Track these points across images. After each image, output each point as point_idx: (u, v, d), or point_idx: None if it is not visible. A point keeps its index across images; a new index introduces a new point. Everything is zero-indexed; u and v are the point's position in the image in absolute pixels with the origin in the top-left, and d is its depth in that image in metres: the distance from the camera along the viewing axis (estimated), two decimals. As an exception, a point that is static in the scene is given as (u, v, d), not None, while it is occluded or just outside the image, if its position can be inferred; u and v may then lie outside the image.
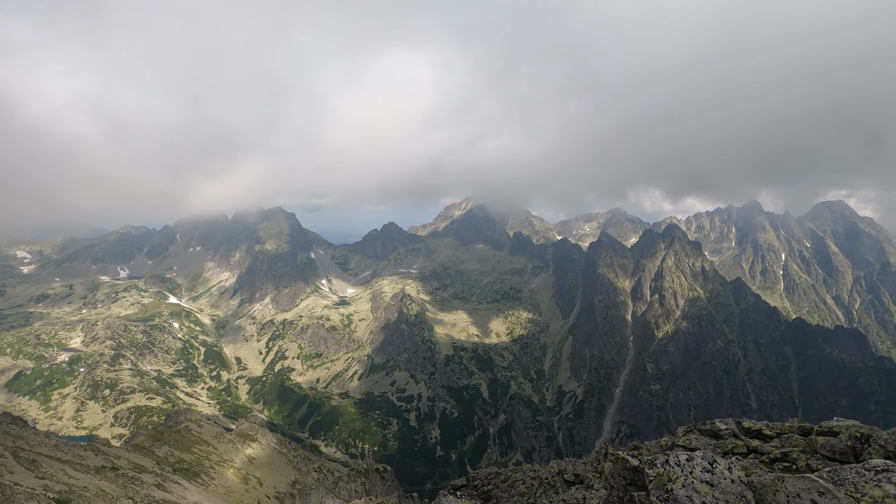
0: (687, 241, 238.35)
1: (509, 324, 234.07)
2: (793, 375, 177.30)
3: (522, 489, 26.63)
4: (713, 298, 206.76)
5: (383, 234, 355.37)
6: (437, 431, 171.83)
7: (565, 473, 24.77)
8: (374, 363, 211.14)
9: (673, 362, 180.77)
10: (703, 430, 18.88)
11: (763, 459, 13.62)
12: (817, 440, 13.98)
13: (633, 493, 5.55)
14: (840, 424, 15.03)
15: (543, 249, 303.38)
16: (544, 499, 23.22)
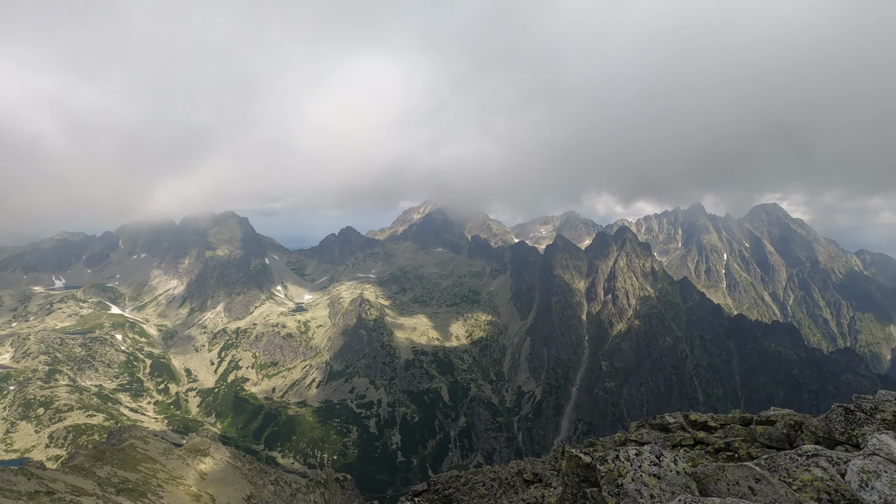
0: (637, 243, 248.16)
1: (469, 326, 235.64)
2: (735, 369, 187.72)
3: (483, 491, 26.87)
4: (662, 297, 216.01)
5: (341, 238, 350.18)
6: (398, 437, 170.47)
7: (524, 473, 25.20)
8: (333, 370, 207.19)
9: (626, 360, 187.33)
10: (654, 425, 19.72)
11: (709, 450, 14.40)
12: (756, 429, 14.91)
13: (586, 489, 5.76)
14: (776, 414, 16.09)
15: (501, 252, 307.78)
16: (504, 499, 23.52)
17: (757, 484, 5.28)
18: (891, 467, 4.37)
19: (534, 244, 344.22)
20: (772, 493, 5.15)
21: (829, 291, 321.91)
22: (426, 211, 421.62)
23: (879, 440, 4.64)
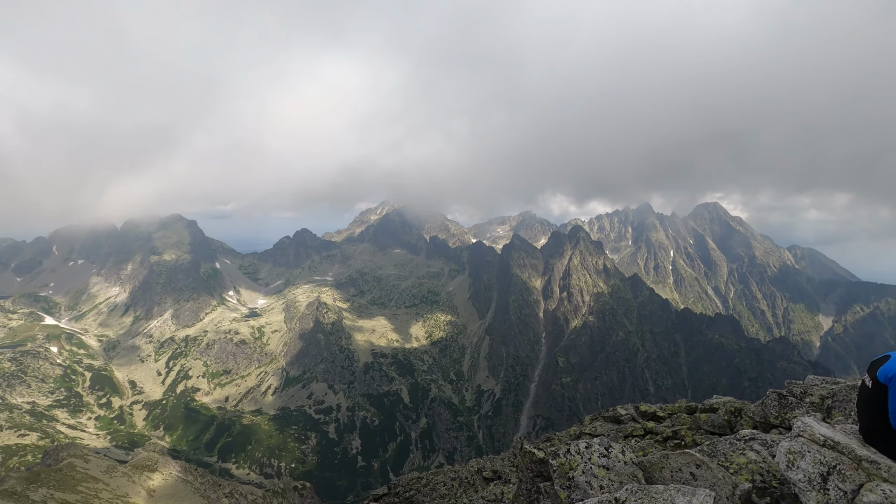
0: (590, 242, 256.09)
1: (428, 327, 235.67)
2: (683, 360, 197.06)
3: (444, 491, 26.85)
4: (615, 294, 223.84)
5: (296, 241, 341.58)
6: (358, 441, 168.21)
7: (484, 471, 25.40)
8: (290, 376, 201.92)
9: (581, 355, 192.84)
10: (607, 417, 20.37)
11: (658, 438, 15.02)
12: (701, 417, 15.70)
13: (539, 484, 5.91)
14: (718, 402, 17.01)
15: (459, 252, 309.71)
16: (464, 498, 23.63)
17: (697, 469, 5.58)
18: (813, 447, 4.72)
19: (491, 244, 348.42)
20: (711, 477, 5.46)
21: (765, 285, 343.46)
22: (384, 212, 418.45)
23: (804, 422, 5.01)
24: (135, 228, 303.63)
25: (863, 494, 4.27)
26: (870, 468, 4.52)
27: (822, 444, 4.78)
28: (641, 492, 5.09)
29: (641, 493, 5.07)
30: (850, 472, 4.46)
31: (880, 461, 4.56)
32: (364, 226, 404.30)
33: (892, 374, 4.54)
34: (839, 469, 4.49)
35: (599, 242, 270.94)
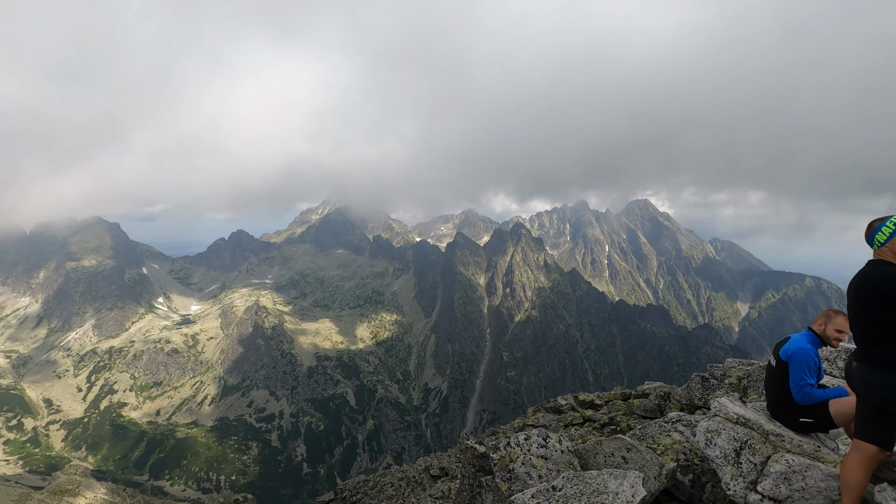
0: (531, 238, 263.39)
1: (373, 328, 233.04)
2: (619, 349, 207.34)
3: (391, 492, 26.71)
4: (555, 288, 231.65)
5: (232, 242, 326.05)
6: (303, 448, 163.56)
7: (431, 469, 25.50)
8: (228, 384, 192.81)
9: (525, 349, 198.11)
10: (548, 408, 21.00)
11: (595, 426, 15.65)
12: (634, 403, 16.53)
13: (481, 478, 6.01)
14: (649, 387, 17.98)
15: (404, 252, 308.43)
16: (412, 497, 23.60)
17: (628, 453, 5.89)
18: (728, 425, 5.12)
19: (436, 242, 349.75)
20: (640, 459, 5.78)
21: (690, 276, 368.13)
22: (325, 212, 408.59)
23: (719, 403, 5.42)
24: (47, 232, 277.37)
25: (770, 465, 4.69)
26: (776, 441, 4.96)
27: (736, 421, 5.20)
28: (577, 478, 5.31)
29: (577, 479, 5.29)
30: (759, 446, 4.88)
31: (784, 434, 5.03)
32: (305, 226, 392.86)
33: (791, 352, 5.05)
34: (750, 444, 4.91)
35: (540, 239, 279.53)
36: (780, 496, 4.54)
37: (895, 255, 3.90)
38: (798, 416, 5.09)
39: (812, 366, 4.94)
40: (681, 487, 5.87)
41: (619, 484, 5.08)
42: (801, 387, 4.95)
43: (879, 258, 3.97)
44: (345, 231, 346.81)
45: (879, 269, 3.86)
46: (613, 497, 4.91)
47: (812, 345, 5.04)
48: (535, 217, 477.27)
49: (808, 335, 5.15)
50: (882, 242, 3.95)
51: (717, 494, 5.41)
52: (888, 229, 3.92)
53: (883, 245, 3.95)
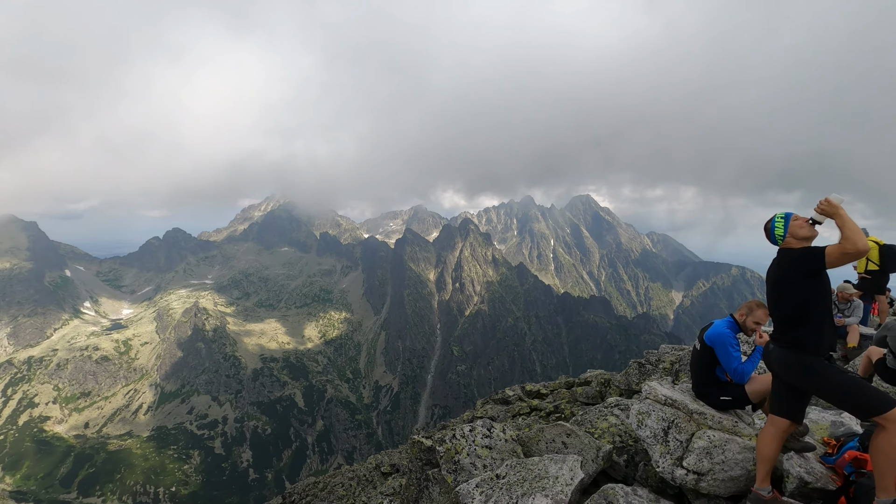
0: (480, 234, 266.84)
1: (322, 326, 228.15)
2: (564, 340, 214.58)
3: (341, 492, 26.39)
4: (503, 282, 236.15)
5: (167, 242, 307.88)
6: (249, 453, 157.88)
7: (382, 466, 25.40)
8: (166, 391, 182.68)
9: (475, 343, 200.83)
10: (497, 400, 21.43)
11: (542, 414, 16.13)
12: (577, 391, 17.18)
13: (428, 471, 6.06)
14: (591, 375, 18.74)
15: (352, 248, 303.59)
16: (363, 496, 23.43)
17: (568, 438, 6.14)
18: (657, 407, 5.45)
19: (384, 239, 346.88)
20: (579, 443, 6.05)
21: (629, 267, 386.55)
22: (269, 208, 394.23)
23: (650, 386, 5.77)
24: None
25: (694, 441, 5.04)
26: (699, 419, 5.35)
27: (664, 403, 5.55)
28: (520, 465, 5.48)
29: (519, 466, 5.46)
30: (685, 424, 5.23)
31: (707, 412, 5.43)
32: (247, 223, 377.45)
33: (714, 335, 5.50)
34: (676, 423, 5.25)
35: (488, 234, 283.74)
36: (703, 469, 4.89)
37: (797, 241, 4.33)
38: (719, 394, 5.52)
39: (734, 346, 5.39)
40: (616, 468, 6.20)
41: (558, 468, 5.29)
42: (735, 368, 5.38)
43: (786, 247, 4.39)
44: (290, 228, 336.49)
45: (787, 253, 4.31)
46: (553, 481, 5.11)
47: (731, 330, 5.49)
48: (483, 212, 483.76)
49: (729, 322, 5.60)
50: (782, 236, 4.40)
51: (648, 472, 5.75)
52: (780, 223, 4.39)
53: (784, 237, 4.39)
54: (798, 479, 4.91)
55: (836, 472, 4.92)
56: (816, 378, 4.14)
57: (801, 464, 5.07)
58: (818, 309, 4.16)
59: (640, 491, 5.30)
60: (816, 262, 4.01)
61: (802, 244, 4.30)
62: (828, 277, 4.22)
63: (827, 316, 4.17)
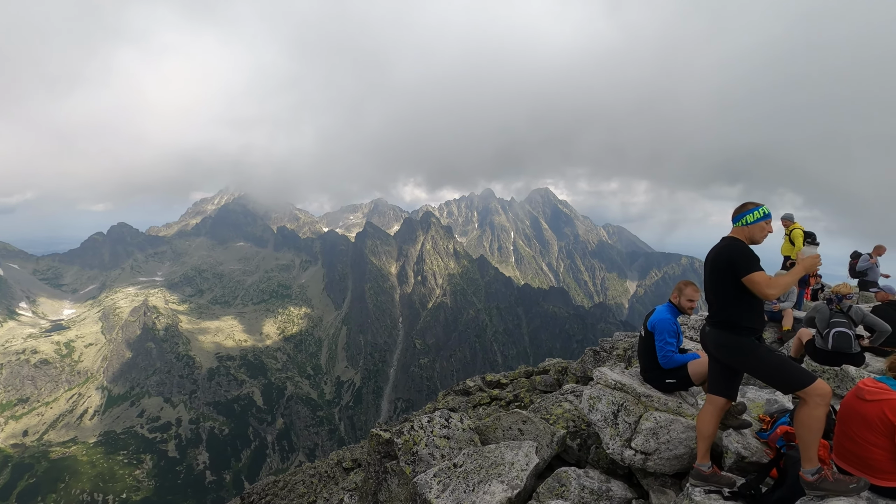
0: (441, 227, 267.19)
1: (280, 323, 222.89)
2: (524, 330, 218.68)
3: (302, 490, 26.01)
4: (465, 275, 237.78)
5: (112, 237, 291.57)
6: (206, 455, 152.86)
7: (344, 461, 25.20)
8: (114, 394, 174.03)
9: (437, 335, 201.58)
10: (458, 391, 21.64)
11: (502, 403, 16.42)
12: (536, 379, 17.56)
13: (387, 463, 6.07)
14: (549, 363, 19.19)
15: (311, 243, 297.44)
16: (325, 492, 23.20)
17: (524, 425, 6.29)
18: (607, 392, 5.66)
19: (344, 232, 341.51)
20: (535, 430, 6.20)
21: (587, 258, 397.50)
22: (223, 202, 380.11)
23: (600, 372, 5.97)
24: None
25: (641, 423, 5.27)
26: (647, 401, 5.59)
27: (614, 387, 5.77)
28: (477, 453, 5.57)
29: (476, 454, 5.55)
30: (633, 407, 5.46)
31: (653, 395, 5.68)
32: (199, 217, 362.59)
33: (655, 321, 5.76)
34: (625, 406, 5.48)
35: (449, 227, 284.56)
36: (650, 449, 5.12)
37: (745, 236, 4.57)
38: (664, 378, 5.79)
39: (672, 332, 5.65)
40: (570, 451, 6.40)
41: (514, 455, 5.41)
42: (665, 352, 5.64)
43: (733, 235, 4.62)
44: (245, 222, 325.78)
45: (732, 244, 4.50)
46: (509, 467, 5.22)
47: (671, 314, 5.77)
48: (445, 205, 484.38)
49: (668, 306, 5.88)
50: (746, 223, 4.56)
51: (599, 454, 5.98)
52: (756, 215, 4.54)
53: (745, 225, 4.57)
54: (736, 454, 5.24)
55: (770, 445, 5.28)
56: (748, 357, 4.38)
57: (739, 440, 5.40)
58: (749, 293, 4.36)
59: (591, 473, 5.51)
60: (741, 273, 4.28)
61: (750, 243, 4.55)
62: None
63: (757, 299, 4.43)
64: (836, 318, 8.06)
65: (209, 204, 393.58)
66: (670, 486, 5.22)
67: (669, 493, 5.10)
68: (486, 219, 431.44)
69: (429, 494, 5.03)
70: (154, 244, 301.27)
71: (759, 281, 4.19)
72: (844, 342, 7.79)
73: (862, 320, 8.27)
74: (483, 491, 4.95)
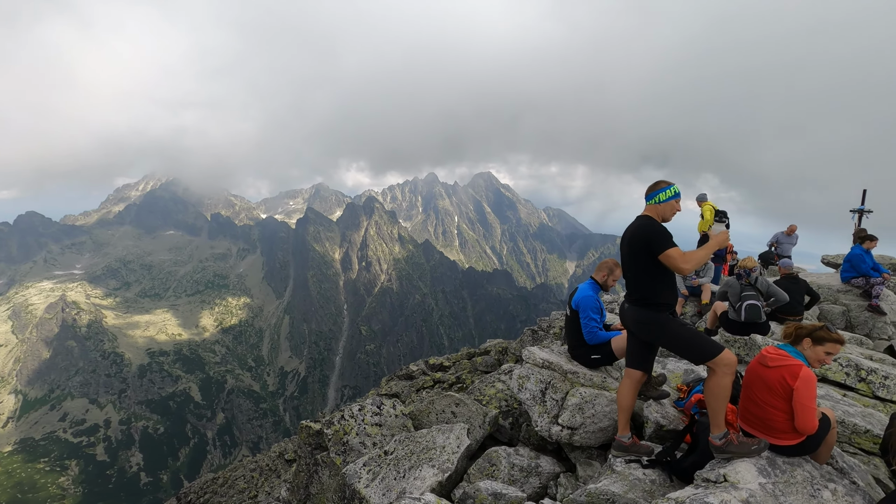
0: (385, 212, 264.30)
1: (218, 314, 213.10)
2: (470, 313, 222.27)
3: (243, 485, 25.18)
4: (410, 259, 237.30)
5: (20, 228, 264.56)
6: (139, 456, 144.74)
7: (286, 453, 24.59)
8: (30, 399, 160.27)
9: (383, 321, 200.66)
10: (401, 376, 21.55)
11: (444, 386, 16.51)
12: (477, 360, 17.75)
13: (317, 455, 5.88)
14: (491, 344, 19.49)
15: (248, 230, 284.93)
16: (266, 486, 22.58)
17: (457, 408, 6.28)
18: (536, 370, 5.75)
19: (284, 219, 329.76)
20: (467, 411, 6.21)
21: (528, 241, 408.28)
22: (149, 188, 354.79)
23: (529, 351, 6.05)
24: None
25: (568, 399, 5.39)
26: (573, 378, 5.72)
27: (542, 366, 5.87)
28: (408, 439, 5.49)
29: (408, 440, 5.47)
30: (560, 384, 5.58)
31: (579, 371, 5.83)
32: (123, 204, 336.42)
33: (579, 300, 5.88)
34: (552, 383, 5.58)
35: (393, 212, 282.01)
36: (576, 424, 5.26)
37: (657, 214, 4.70)
38: (589, 354, 5.96)
39: (595, 308, 5.81)
40: (503, 431, 6.48)
41: (445, 438, 5.39)
42: (590, 329, 5.78)
43: (647, 214, 4.74)
44: (175, 209, 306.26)
45: (646, 223, 4.63)
46: (441, 451, 5.19)
47: (594, 291, 5.91)
48: (388, 190, 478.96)
49: (591, 284, 6.02)
50: (659, 201, 4.69)
51: (530, 432, 6.09)
52: (667, 194, 4.67)
53: (657, 203, 4.70)
54: (655, 423, 5.49)
55: (686, 413, 5.58)
56: (662, 332, 4.57)
57: (658, 409, 5.67)
58: (664, 270, 4.54)
59: (522, 450, 5.59)
60: (657, 250, 4.44)
61: (661, 220, 4.70)
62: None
63: (670, 276, 4.63)
64: (747, 292, 8.67)
65: (133, 190, 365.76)
66: (596, 458, 5.41)
67: (595, 465, 5.27)
68: (431, 203, 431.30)
69: (358, 484, 4.90)
70: (71, 234, 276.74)
71: (674, 256, 4.36)
72: (755, 313, 8.43)
73: (767, 290, 8.94)
74: (414, 476, 4.89)
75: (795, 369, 4.05)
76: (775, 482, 3.83)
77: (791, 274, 10.32)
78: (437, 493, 4.73)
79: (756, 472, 3.90)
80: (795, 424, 4.01)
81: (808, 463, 4.12)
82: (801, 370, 4.03)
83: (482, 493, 4.49)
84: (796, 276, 10.30)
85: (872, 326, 11.43)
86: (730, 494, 3.62)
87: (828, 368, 6.80)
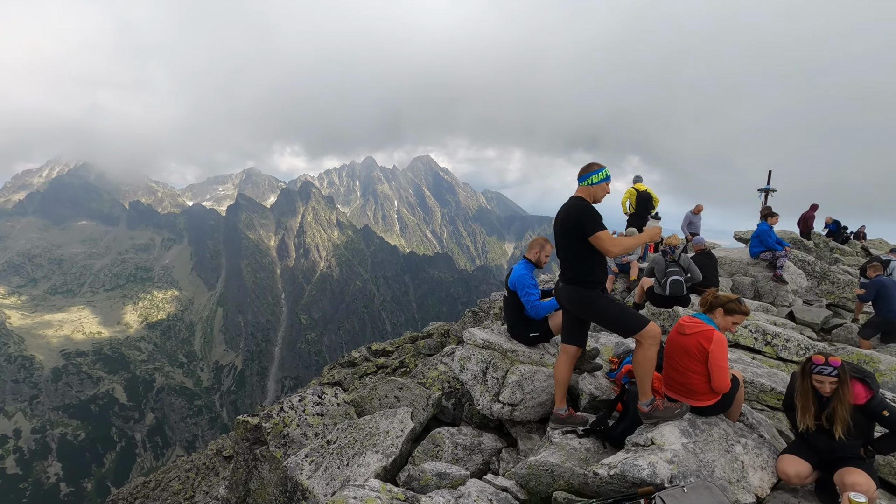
0: (322, 197, 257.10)
1: (142, 309, 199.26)
2: (412, 297, 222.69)
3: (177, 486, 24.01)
4: (349, 245, 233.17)
5: None
6: (57, 466, 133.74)
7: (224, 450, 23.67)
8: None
9: (323, 309, 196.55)
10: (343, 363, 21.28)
11: (388, 371, 16.48)
12: (420, 344, 17.87)
13: (256, 450, 5.68)
14: (433, 327, 19.62)
15: (173, 218, 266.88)
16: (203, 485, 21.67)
17: (400, 392, 6.28)
18: (476, 351, 5.85)
19: (213, 206, 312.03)
20: (411, 395, 6.23)
21: (468, 224, 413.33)
22: (54, 174, 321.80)
23: (469, 332, 6.14)
24: None
25: (508, 377, 5.54)
26: (513, 356, 5.88)
27: (482, 346, 5.98)
28: (351, 426, 5.43)
29: (351, 427, 5.41)
30: (500, 363, 5.71)
31: (519, 349, 6.00)
32: (24, 192, 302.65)
33: (514, 280, 6.02)
34: (493, 363, 5.71)
35: (331, 197, 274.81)
36: (516, 400, 5.43)
37: (589, 195, 4.87)
38: (528, 332, 6.13)
39: (532, 285, 5.98)
40: (446, 412, 6.57)
41: (389, 423, 5.38)
42: (532, 304, 5.94)
43: (579, 195, 4.89)
44: (88, 197, 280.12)
45: (578, 204, 4.79)
46: (384, 436, 5.18)
47: (528, 270, 6.07)
48: (325, 175, 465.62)
49: (525, 263, 6.17)
50: (591, 183, 4.84)
51: (472, 411, 6.21)
52: (599, 176, 4.83)
53: (590, 185, 4.85)
54: (589, 394, 5.79)
55: (617, 383, 5.93)
56: (593, 308, 4.79)
57: (592, 381, 5.97)
58: (594, 250, 4.72)
59: (465, 430, 5.70)
60: (587, 232, 4.61)
61: (592, 202, 4.86)
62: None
63: (601, 256, 4.83)
64: (672, 268, 9.28)
65: (35, 176, 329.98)
66: (535, 432, 5.62)
67: (535, 438, 5.48)
68: (369, 188, 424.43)
69: (300, 476, 4.79)
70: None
71: (604, 238, 4.55)
72: (678, 288, 9.08)
73: (688, 267, 9.62)
74: (357, 464, 4.85)
75: (709, 334, 4.43)
76: (696, 441, 4.18)
77: (704, 249, 11.17)
78: (381, 478, 4.73)
79: (679, 433, 4.24)
80: (712, 384, 4.38)
81: (723, 422, 4.52)
82: (714, 334, 4.42)
83: (427, 475, 4.54)
84: (709, 250, 11.19)
85: (776, 295, 12.67)
86: (656, 456, 3.87)
87: (739, 335, 7.45)
